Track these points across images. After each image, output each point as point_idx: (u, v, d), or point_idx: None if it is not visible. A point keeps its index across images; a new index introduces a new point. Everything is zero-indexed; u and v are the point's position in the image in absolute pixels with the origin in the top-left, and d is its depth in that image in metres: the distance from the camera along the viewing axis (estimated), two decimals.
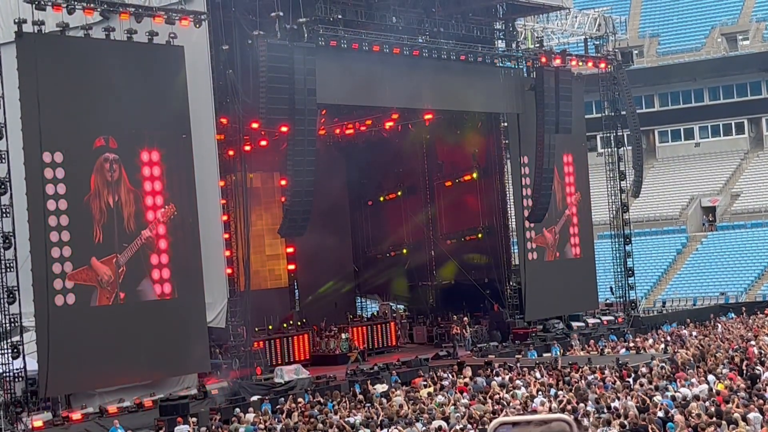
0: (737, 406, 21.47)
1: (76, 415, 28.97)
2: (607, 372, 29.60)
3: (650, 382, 26.69)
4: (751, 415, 20.46)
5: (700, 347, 33.87)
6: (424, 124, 46.68)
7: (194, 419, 27.56)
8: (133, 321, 30.69)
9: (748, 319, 45.07)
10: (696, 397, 23.26)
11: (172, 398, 30.38)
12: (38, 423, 27.50)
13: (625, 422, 20.75)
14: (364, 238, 50.38)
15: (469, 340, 42.40)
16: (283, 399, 29.87)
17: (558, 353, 38.43)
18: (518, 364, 33.44)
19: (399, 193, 49.54)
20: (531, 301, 43.54)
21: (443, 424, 23.06)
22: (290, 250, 45.03)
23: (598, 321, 46.42)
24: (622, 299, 47.97)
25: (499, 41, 44.52)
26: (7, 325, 28.49)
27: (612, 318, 46.95)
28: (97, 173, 30.23)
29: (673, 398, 23.42)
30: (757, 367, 27.71)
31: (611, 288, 48.32)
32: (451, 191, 47.81)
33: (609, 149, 48.34)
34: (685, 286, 59.75)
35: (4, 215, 28.45)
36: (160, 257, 31.73)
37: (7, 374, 28.24)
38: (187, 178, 32.39)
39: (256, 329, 37.52)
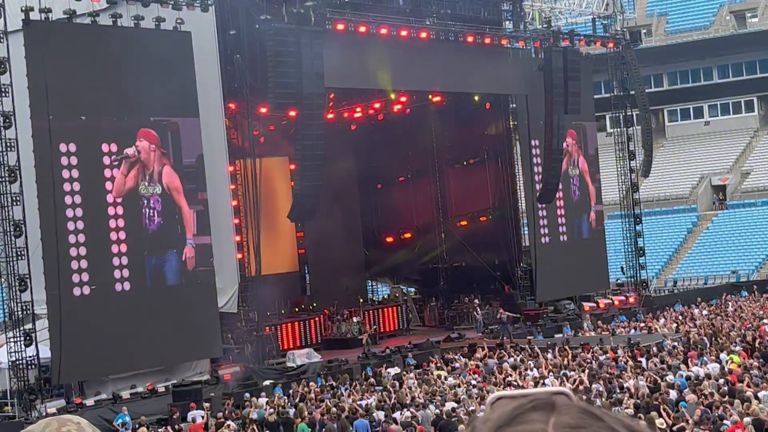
0: (749, 385, 21.46)
1: (90, 402, 29.09)
2: (619, 352, 29.59)
3: (662, 362, 26.68)
4: (762, 393, 20.45)
5: (712, 326, 33.84)
6: (432, 106, 46.57)
7: (207, 404, 27.63)
8: (145, 307, 30.76)
9: (760, 298, 44.97)
10: (708, 376, 23.26)
11: (184, 384, 30.48)
12: (52, 410, 27.49)
13: (638, 402, 20.76)
14: (374, 222, 50.34)
15: (480, 322, 42.40)
16: (295, 383, 29.93)
17: (569, 333, 38.50)
18: (529, 345, 33.45)
19: (408, 176, 49.47)
20: (542, 282, 43.50)
21: (455, 405, 23.11)
22: (300, 234, 45.04)
23: (609, 301, 46.39)
24: (633, 279, 47.91)
25: (507, 22, 44.31)
26: (20, 312, 28.61)
27: (623, 298, 46.91)
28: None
29: (688, 378, 23.40)
30: None
31: (622, 268, 48.25)
32: (460, 173, 47.74)
33: (618, 129, 48.20)
34: (696, 265, 59.58)
35: (15, 203, 28.53)
36: None
37: (20, 362, 28.38)
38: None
39: (268, 314, 37.58)
